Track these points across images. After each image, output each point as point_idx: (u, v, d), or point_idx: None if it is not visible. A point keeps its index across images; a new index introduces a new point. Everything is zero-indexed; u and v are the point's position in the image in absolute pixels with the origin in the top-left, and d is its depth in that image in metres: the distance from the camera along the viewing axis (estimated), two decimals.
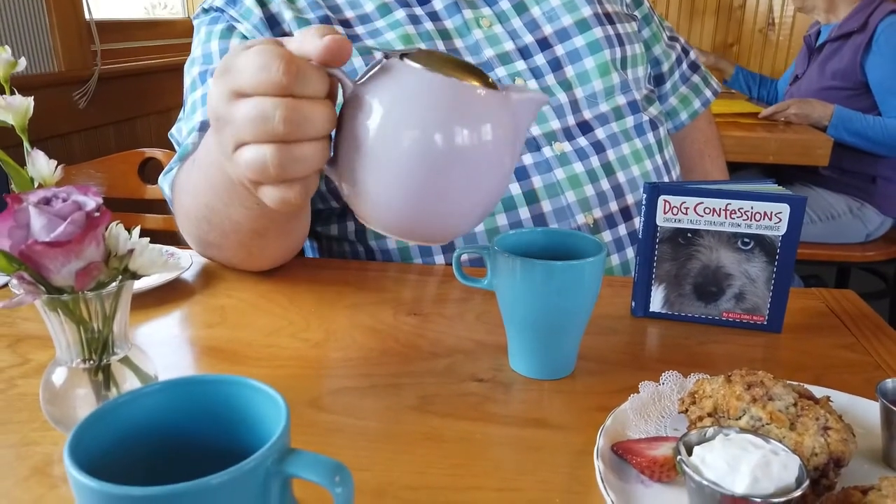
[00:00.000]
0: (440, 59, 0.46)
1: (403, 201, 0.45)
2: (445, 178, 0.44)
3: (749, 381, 0.47)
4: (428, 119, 0.43)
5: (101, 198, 0.45)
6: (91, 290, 0.45)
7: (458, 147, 0.44)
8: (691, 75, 1.11)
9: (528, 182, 0.83)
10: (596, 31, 0.89)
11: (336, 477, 0.30)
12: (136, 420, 0.34)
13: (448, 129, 0.43)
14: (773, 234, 0.64)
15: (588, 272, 0.55)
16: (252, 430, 0.34)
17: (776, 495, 0.36)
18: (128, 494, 0.28)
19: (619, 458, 0.45)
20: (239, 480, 0.28)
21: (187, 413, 0.35)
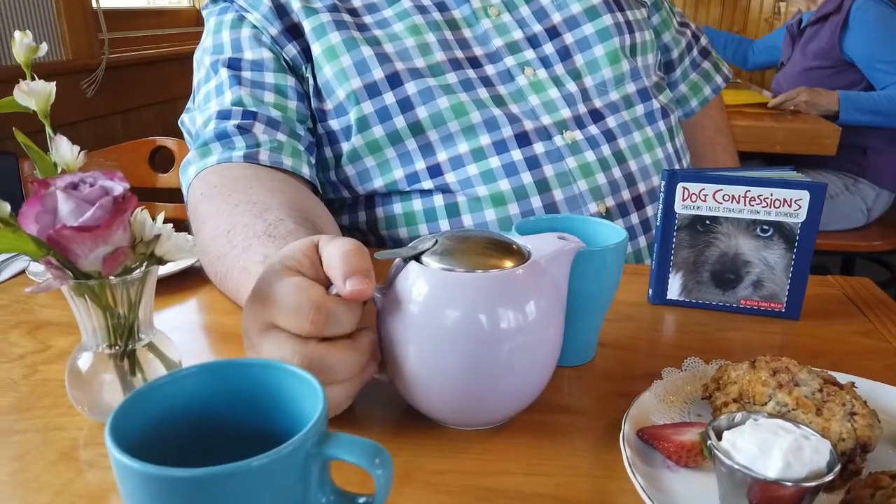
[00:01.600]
0: (461, 247, 0.47)
1: (461, 401, 0.46)
2: (498, 364, 0.45)
3: (774, 367, 0.47)
4: (466, 316, 0.44)
5: (127, 183, 0.45)
6: (117, 275, 0.45)
7: (505, 332, 0.44)
8: (702, 62, 1.10)
9: (540, 171, 0.82)
10: (605, 19, 0.88)
11: (376, 459, 0.30)
12: (173, 402, 0.34)
13: (491, 319, 0.44)
14: (792, 220, 0.64)
15: (610, 258, 0.55)
16: (288, 414, 0.35)
17: (808, 479, 0.36)
18: (170, 475, 0.28)
19: (645, 444, 0.45)
20: (280, 462, 0.29)
21: (224, 395, 0.35)
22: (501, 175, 0.82)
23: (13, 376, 0.56)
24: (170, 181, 1.21)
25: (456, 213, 0.84)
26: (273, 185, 0.70)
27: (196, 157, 0.77)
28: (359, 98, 0.81)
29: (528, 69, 0.85)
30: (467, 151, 0.82)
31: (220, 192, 0.69)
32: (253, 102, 0.80)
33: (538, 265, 0.47)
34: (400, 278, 0.46)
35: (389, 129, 0.82)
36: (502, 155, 0.82)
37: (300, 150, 0.81)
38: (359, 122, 0.82)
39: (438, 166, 0.83)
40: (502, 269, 0.45)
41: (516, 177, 0.82)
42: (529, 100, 0.84)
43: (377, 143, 0.82)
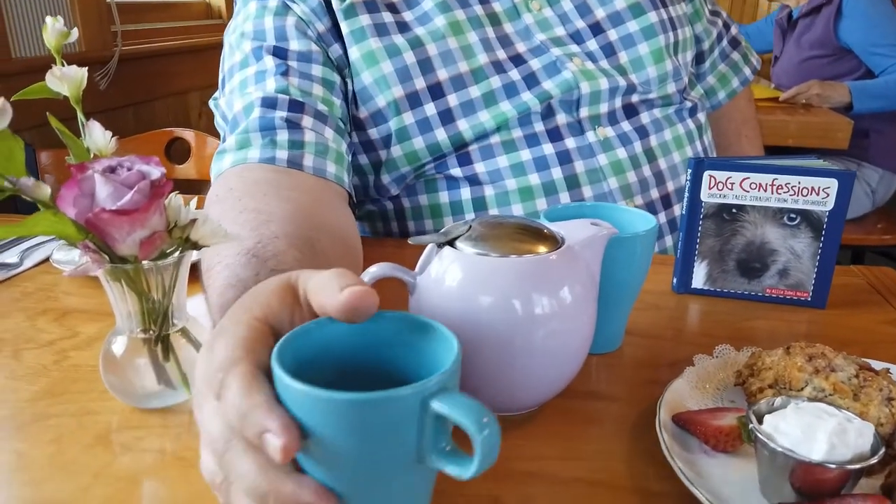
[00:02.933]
0: (495, 233, 0.46)
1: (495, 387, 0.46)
2: (532, 350, 0.45)
3: (810, 353, 0.47)
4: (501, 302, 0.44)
5: (163, 168, 0.45)
6: (153, 259, 0.45)
7: (539, 318, 0.44)
8: (731, 52, 1.06)
9: (571, 167, 0.81)
10: (651, 16, 0.85)
11: (484, 419, 0.30)
12: (321, 345, 0.36)
13: (525, 304, 0.44)
14: (819, 209, 0.64)
15: (640, 245, 0.55)
16: (422, 361, 0.37)
17: (853, 462, 0.36)
18: (327, 397, 0.30)
19: (681, 429, 0.45)
20: (393, 402, 0.30)
21: (365, 342, 0.37)
22: (532, 168, 0.81)
23: (44, 362, 0.56)
24: (186, 172, 1.21)
25: (482, 206, 0.83)
26: (291, 194, 0.65)
27: (234, 146, 0.72)
28: (400, 108, 0.79)
29: (577, 59, 0.83)
30: (498, 143, 0.81)
31: (232, 196, 0.64)
32: (300, 94, 0.76)
33: (572, 251, 0.47)
34: (434, 263, 0.46)
35: (430, 140, 0.80)
36: (533, 148, 0.81)
37: (343, 156, 0.76)
38: (399, 132, 0.80)
39: (468, 155, 0.82)
40: (536, 254, 0.45)
41: (546, 171, 0.81)
42: (581, 86, 0.81)
43: (416, 154, 0.81)
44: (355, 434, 0.31)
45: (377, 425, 0.31)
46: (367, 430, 0.31)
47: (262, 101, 0.74)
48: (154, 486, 0.42)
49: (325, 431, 0.31)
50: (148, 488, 0.42)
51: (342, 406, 0.30)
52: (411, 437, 0.32)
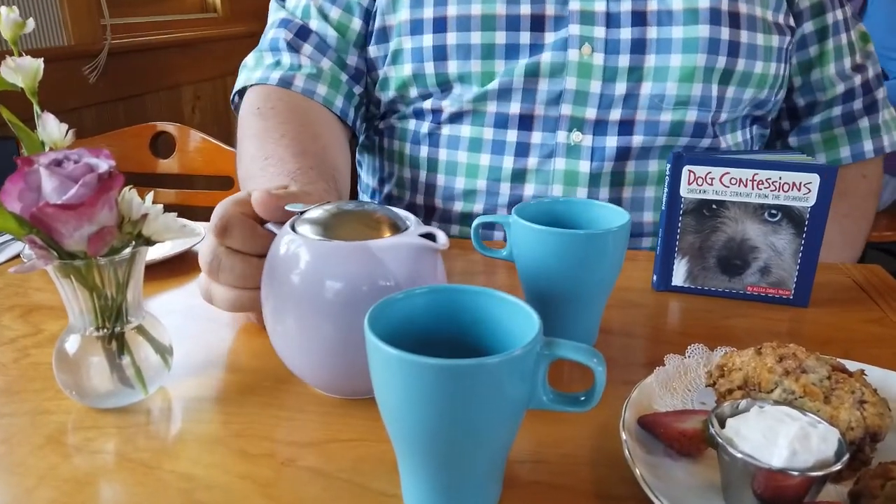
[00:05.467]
0: (341, 216, 0.48)
1: (291, 351, 0.49)
2: (340, 332, 0.46)
3: (781, 354, 0.45)
4: (310, 281, 0.46)
5: (113, 161, 0.43)
6: (104, 255, 0.44)
7: (349, 302, 0.45)
8: (860, 117, 0.88)
9: (524, 161, 0.80)
10: (701, 29, 0.75)
11: (594, 359, 0.36)
12: (407, 314, 0.40)
13: (341, 286, 0.45)
14: (801, 205, 0.62)
15: (612, 242, 0.53)
16: (498, 334, 0.40)
17: (815, 468, 0.34)
18: (428, 363, 0.33)
19: (646, 432, 0.44)
20: (515, 361, 0.34)
21: (445, 314, 0.41)
22: (487, 149, 0.81)
23: (3, 360, 0.55)
24: (171, 167, 1.20)
25: (434, 168, 0.85)
26: (320, 129, 0.80)
27: (251, 60, 0.87)
28: (402, 31, 0.82)
29: (587, 47, 0.77)
30: (471, 111, 0.81)
31: (274, 116, 0.78)
32: (316, 14, 0.86)
33: (367, 247, 0.46)
34: (273, 244, 0.49)
35: (418, 70, 0.81)
36: (498, 130, 0.81)
37: (340, 80, 0.86)
38: (394, 53, 0.83)
39: (441, 112, 0.83)
40: (357, 241, 0.46)
41: (499, 157, 0.81)
42: (566, 79, 0.77)
43: (404, 81, 0.83)
44: (476, 394, 0.33)
45: (504, 381, 0.34)
46: (491, 388, 0.34)
47: (280, 21, 0.87)
48: (100, 488, 0.41)
49: (441, 396, 0.33)
50: (93, 491, 0.41)
51: (461, 371, 0.33)
52: (526, 389, 0.36)
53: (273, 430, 0.47)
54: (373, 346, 0.35)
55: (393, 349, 0.34)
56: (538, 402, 0.37)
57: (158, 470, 0.42)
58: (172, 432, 0.46)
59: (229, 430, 0.47)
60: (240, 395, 0.51)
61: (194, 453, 0.44)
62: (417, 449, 0.36)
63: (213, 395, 0.51)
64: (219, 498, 0.40)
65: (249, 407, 0.49)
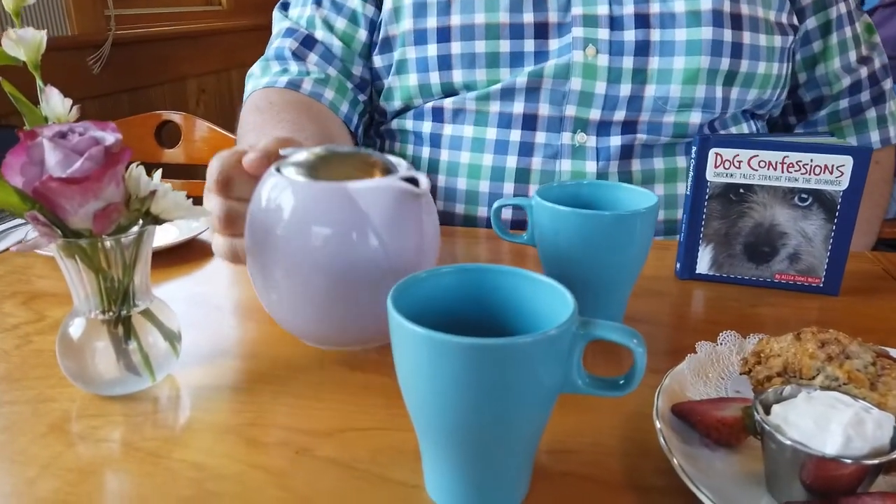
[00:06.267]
0: (329, 159, 0.46)
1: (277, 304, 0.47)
2: (292, 274, 0.44)
3: (822, 339, 0.43)
4: (270, 219, 0.45)
5: (120, 134, 0.41)
6: (111, 234, 0.42)
7: (298, 242, 0.44)
8: (867, 108, 0.88)
9: (528, 160, 0.79)
10: (704, 31, 0.75)
11: (634, 339, 0.34)
12: (432, 294, 0.38)
13: (286, 226, 0.44)
14: (833, 188, 0.60)
15: (639, 224, 0.51)
16: (528, 315, 0.38)
17: (871, 456, 0.32)
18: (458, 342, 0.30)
19: (680, 420, 0.41)
20: (551, 341, 0.32)
21: (472, 294, 0.39)
22: (490, 149, 0.80)
23: (5, 346, 0.53)
24: (177, 156, 1.18)
25: (435, 169, 0.84)
26: (322, 120, 0.81)
27: (257, 69, 0.88)
28: (406, 41, 0.80)
29: (591, 48, 0.76)
30: (473, 111, 0.80)
31: (272, 109, 0.79)
32: (321, 24, 0.85)
33: (346, 188, 0.44)
34: (257, 186, 0.48)
35: (423, 80, 0.81)
36: (502, 129, 0.79)
37: (347, 87, 0.85)
38: (399, 63, 0.82)
39: (442, 111, 0.82)
40: (338, 182, 0.44)
41: (502, 156, 0.80)
42: (570, 81, 0.77)
43: (409, 91, 0.82)
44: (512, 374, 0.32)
45: (538, 363, 0.32)
46: (524, 370, 0.32)
47: (286, 31, 0.87)
48: (106, 478, 0.39)
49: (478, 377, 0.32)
50: (99, 481, 0.39)
51: (494, 351, 0.31)
52: (560, 372, 0.34)
53: (287, 419, 0.45)
54: (397, 324, 0.33)
55: (420, 328, 0.31)
56: (573, 387, 0.35)
57: (167, 459, 0.40)
58: (181, 421, 0.44)
59: (241, 419, 0.44)
60: (252, 383, 0.49)
61: (205, 442, 0.42)
62: (443, 436, 0.34)
63: (224, 384, 0.49)
64: (231, 488, 0.38)
65: (262, 395, 0.47)
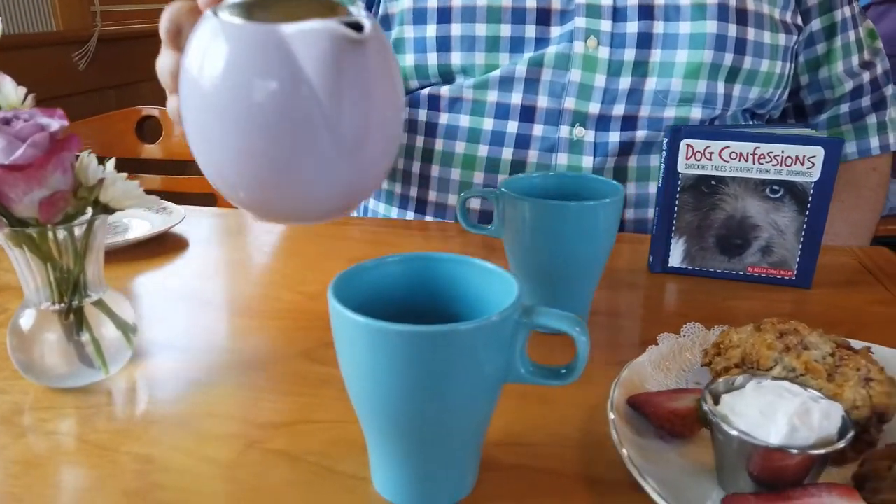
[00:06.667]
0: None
1: (208, 164, 0.39)
2: (211, 124, 0.37)
3: (781, 330, 0.42)
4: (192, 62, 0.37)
5: (66, 120, 0.41)
6: (59, 223, 0.42)
7: (215, 92, 0.36)
8: (868, 114, 0.87)
9: (524, 153, 0.78)
10: (709, 24, 0.73)
11: (577, 327, 0.33)
12: (377, 285, 0.37)
13: (204, 72, 0.36)
14: (805, 180, 0.59)
15: (603, 215, 0.51)
16: (475, 303, 0.37)
17: (817, 446, 0.31)
18: (401, 330, 0.30)
19: (636, 412, 0.41)
20: (492, 328, 0.31)
21: (420, 284, 0.38)
22: (486, 140, 0.79)
23: None
24: (157, 152, 1.18)
25: (429, 158, 0.82)
26: None
27: None
28: (404, 19, 0.79)
29: (592, 40, 0.75)
30: (470, 100, 0.79)
31: None
32: None
33: (278, 31, 0.35)
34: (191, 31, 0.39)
35: (420, 61, 0.79)
36: (499, 120, 0.78)
37: None
38: (396, 42, 0.80)
39: (438, 100, 0.80)
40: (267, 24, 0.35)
41: (498, 148, 0.79)
42: (570, 72, 0.75)
43: (404, 71, 0.80)
44: (452, 364, 0.31)
45: (479, 351, 0.32)
46: (465, 358, 0.31)
47: None
48: (50, 470, 0.38)
49: (410, 365, 0.31)
50: (42, 473, 0.38)
51: (433, 338, 0.30)
52: (503, 360, 0.33)
53: (243, 411, 0.44)
54: (337, 313, 0.32)
55: (359, 316, 0.31)
56: (516, 376, 0.35)
57: (115, 452, 0.40)
58: (134, 413, 0.44)
59: (196, 412, 0.44)
60: (211, 376, 0.48)
61: (155, 435, 0.41)
62: (385, 426, 0.34)
63: (183, 376, 0.48)
64: (176, 480, 0.37)
65: (221, 388, 0.47)
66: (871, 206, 0.89)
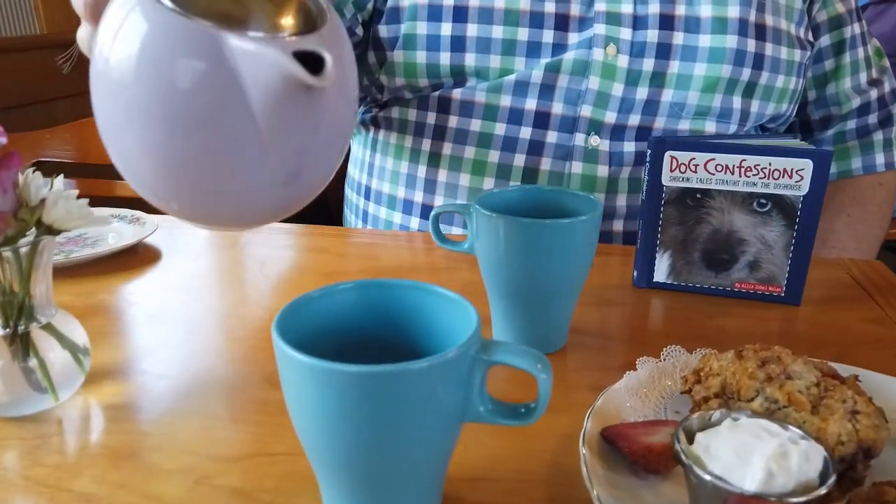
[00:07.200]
0: None
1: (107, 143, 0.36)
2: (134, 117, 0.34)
3: (763, 357, 0.40)
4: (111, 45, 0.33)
5: (5, 137, 0.38)
6: (0, 245, 0.39)
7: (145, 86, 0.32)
8: (874, 130, 0.86)
9: (536, 160, 0.76)
10: (729, 39, 0.73)
11: (538, 364, 0.31)
12: (326, 315, 0.35)
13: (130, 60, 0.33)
14: (793, 193, 0.57)
15: (581, 232, 0.48)
16: (434, 333, 0.35)
17: (795, 493, 0.29)
18: (342, 370, 0.28)
19: (610, 445, 0.38)
20: (446, 366, 0.29)
21: (373, 312, 0.36)
22: (498, 145, 0.76)
23: None
24: None
25: (436, 163, 0.80)
26: None
27: None
28: (417, 14, 0.76)
29: (612, 47, 0.73)
30: (482, 103, 0.76)
31: None
32: None
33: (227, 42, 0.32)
34: None
35: (433, 59, 0.76)
36: (511, 126, 0.76)
37: None
38: (406, 38, 0.77)
39: (449, 102, 0.78)
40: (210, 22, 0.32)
41: (510, 154, 0.76)
42: (588, 79, 0.74)
43: (414, 69, 0.78)
44: (402, 404, 0.29)
45: (434, 390, 0.29)
46: (419, 398, 0.29)
47: None
48: None
49: (359, 405, 0.29)
50: None
51: (382, 379, 0.28)
52: (460, 399, 0.31)
53: (195, 443, 0.42)
54: (280, 352, 0.30)
55: (302, 355, 0.29)
56: (475, 415, 0.32)
57: (54, 489, 0.37)
58: (81, 445, 0.41)
59: (146, 443, 0.42)
60: (165, 402, 0.46)
61: (100, 470, 0.39)
62: (336, 469, 0.31)
63: (136, 402, 0.46)
64: None
65: (174, 415, 0.44)
66: (878, 221, 0.88)
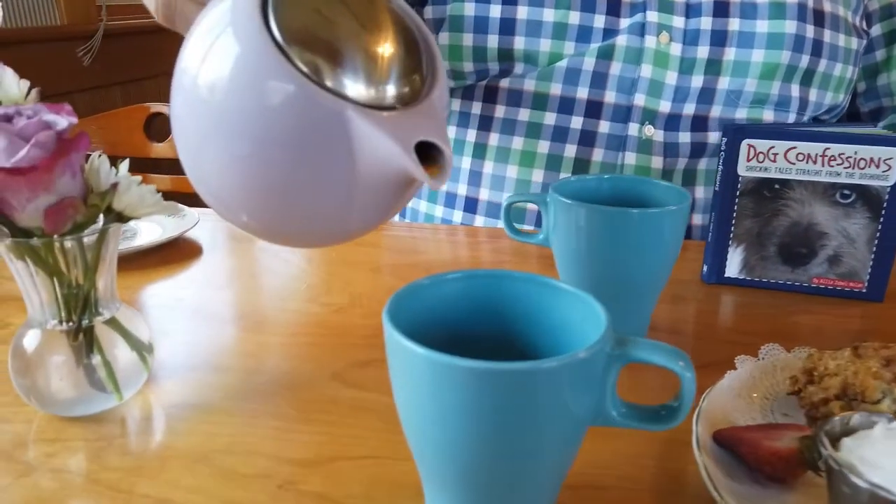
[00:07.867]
0: None
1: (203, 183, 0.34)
2: None
3: (886, 356, 0.37)
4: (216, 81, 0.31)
5: (75, 117, 0.36)
6: (67, 233, 0.37)
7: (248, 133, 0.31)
8: None
9: (588, 151, 0.73)
10: (788, 24, 0.71)
11: (680, 361, 0.29)
12: (437, 303, 0.33)
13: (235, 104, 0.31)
14: (879, 184, 0.54)
15: (669, 224, 0.46)
16: (552, 330, 0.33)
17: None
18: (468, 367, 0.25)
19: (724, 451, 0.36)
20: (580, 364, 0.27)
21: (484, 304, 0.34)
22: (548, 135, 0.74)
23: None
24: (167, 151, 1.13)
25: (481, 154, 0.77)
26: None
27: None
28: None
29: (664, 35, 0.71)
30: (531, 92, 0.74)
31: None
32: None
33: (346, 117, 0.30)
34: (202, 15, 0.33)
35: (480, 42, 0.73)
36: (562, 115, 0.73)
37: None
38: (453, 19, 0.74)
39: (496, 91, 0.75)
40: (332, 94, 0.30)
41: (560, 144, 0.73)
42: (641, 67, 0.71)
43: (460, 51, 0.75)
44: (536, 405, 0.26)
45: (563, 391, 0.27)
46: (548, 399, 0.27)
47: None
48: None
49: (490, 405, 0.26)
50: None
51: (507, 377, 0.26)
52: (591, 401, 0.29)
53: (268, 445, 0.39)
54: (394, 342, 0.27)
55: (420, 347, 0.26)
56: (606, 418, 0.30)
57: (130, 494, 0.35)
58: (149, 447, 0.39)
59: (217, 445, 0.39)
60: (231, 402, 0.43)
61: (174, 474, 0.36)
62: (448, 474, 0.29)
63: (200, 402, 0.43)
64: None
65: (241, 416, 0.42)
66: None
